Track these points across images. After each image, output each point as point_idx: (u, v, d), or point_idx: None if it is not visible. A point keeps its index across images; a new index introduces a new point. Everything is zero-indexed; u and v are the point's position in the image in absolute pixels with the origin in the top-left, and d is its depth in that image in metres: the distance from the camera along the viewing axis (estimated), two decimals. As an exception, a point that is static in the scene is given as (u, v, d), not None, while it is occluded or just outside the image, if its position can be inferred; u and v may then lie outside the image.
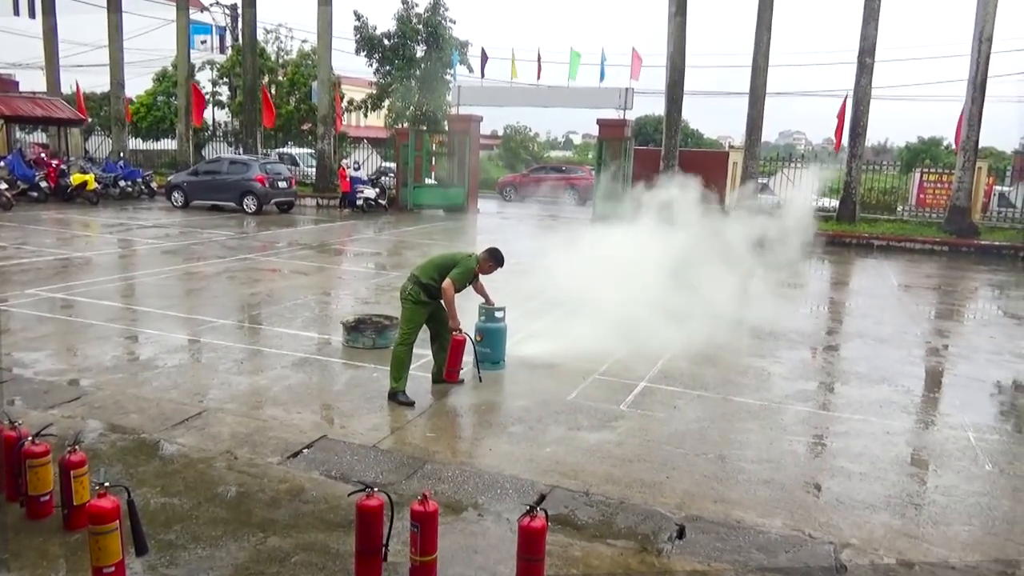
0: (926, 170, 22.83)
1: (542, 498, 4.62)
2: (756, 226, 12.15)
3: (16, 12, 36.03)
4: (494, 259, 6.55)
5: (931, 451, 5.80)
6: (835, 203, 21.48)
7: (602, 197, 21.87)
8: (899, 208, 22.41)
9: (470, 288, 6.79)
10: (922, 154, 34.77)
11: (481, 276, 6.69)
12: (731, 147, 28.78)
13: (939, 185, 21.63)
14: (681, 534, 4.31)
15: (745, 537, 4.30)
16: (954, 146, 21.20)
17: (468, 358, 7.25)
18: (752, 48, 20.55)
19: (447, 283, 6.27)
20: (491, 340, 7.12)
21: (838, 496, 4.88)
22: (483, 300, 7.06)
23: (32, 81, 30.98)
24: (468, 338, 6.58)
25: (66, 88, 27.79)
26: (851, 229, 19.69)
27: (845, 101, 20.68)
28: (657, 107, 37.28)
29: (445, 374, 6.59)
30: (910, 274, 15.14)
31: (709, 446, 5.63)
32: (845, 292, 13.62)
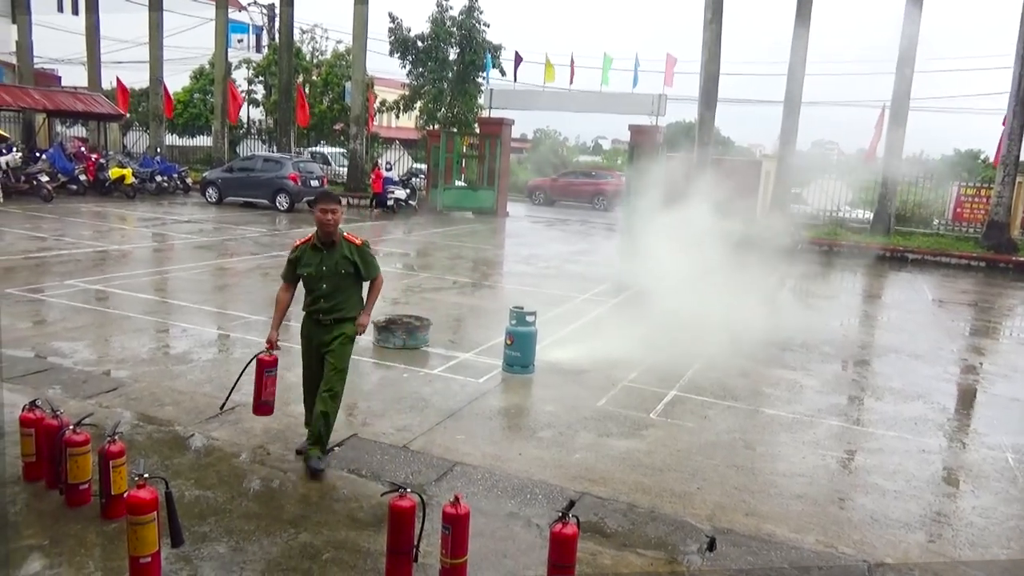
0: (963, 183, 22.43)
1: (571, 504, 4.58)
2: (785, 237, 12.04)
3: (60, 9, 36.91)
4: (315, 202, 5.03)
5: (968, 471, 5.69)
6: (869, 214, 21.19)
7: (632, 203, 21.79)
8: (935, 221, 22.04)
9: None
10: (959, 167, 34.16)
11: (376, 282, 5.14)
12: (764, 156, 28.52)
13: (977, 199, 21.22)
14: (712, 546, 4.27)
15: (777, 552, 4.25)
16: (992, 159, 20.81)
17: (495, 359, 7.29)
18: (788, 56, 20.36)
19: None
20: (521, 344, 7.11)
21: (872, 513, 4.81)
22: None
23: (74, 76, 31.64)
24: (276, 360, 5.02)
25: (106, 84, 28.32)
26: (885, 242, 19.41)
27: (882, 112, 20.40)
28: (688, 113, 37.14)
29: (253, 406, 5.08)
30: (945, 289, 14.87)
31: (740, 458, 5.57)
32: (878, 306, 13.41)
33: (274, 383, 5.05)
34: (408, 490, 3.72)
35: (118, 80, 27.42)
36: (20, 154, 20.83)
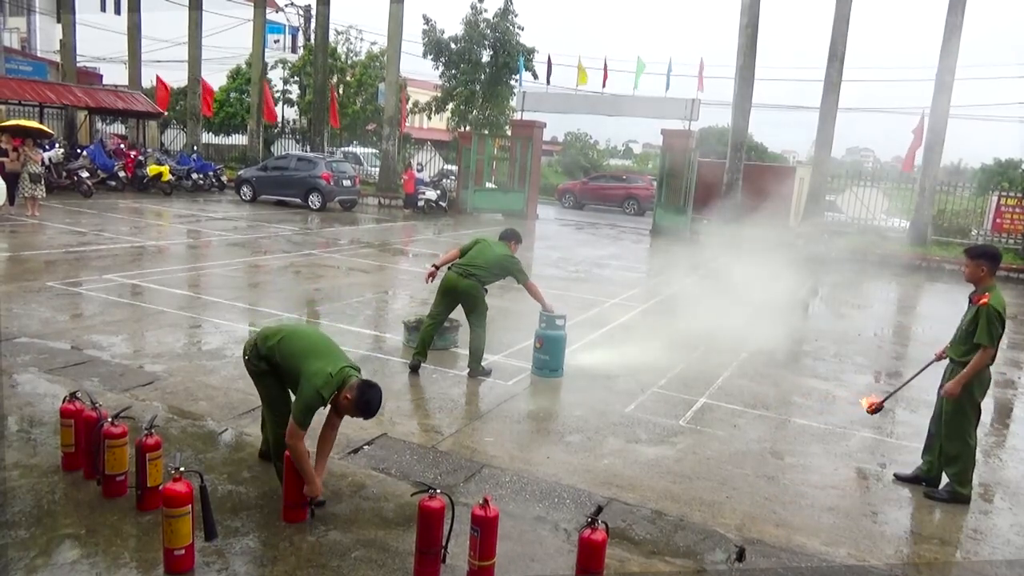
0: (1004, 193, 21.91)
1: (599, 510, 4.57)
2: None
3: (103, 8, 37.73)
4: None
5: (1005, 488, 5.57)
6: (905, 224, 20.83)
7: (663, 208, 21.67)
8: (973, 232, 21.56)
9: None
10: (998, 176, 33.41)
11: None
12: (797, 162, 28.20)
13: (1018, 209, 20.72)
14: (741, 556, 4.23)
15: (807, 564, 4.19)
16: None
17: (524, 362, 7.29)
18: (825, 62, 20.08)
19: (291, 426, 4.04)
20: (551, 348, 7.11)
21: (906, 528, 4.72)
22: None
23: (115, 75, 32.30)
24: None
25: (146, 82, 28.87)
26: (922, 252, 19.05)
27: (922, 119, 20.04)
28: (722, 118, 36.81)
29: (283, 512, 4.21)
30: (984, 301, 14.54)
31: (770, 468, 5.51)
32: (913, 316, 13.17)
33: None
34: (438, 491, 3.74)
35: (158, 78, 27.92)
36: (62, 150, 21.33)
